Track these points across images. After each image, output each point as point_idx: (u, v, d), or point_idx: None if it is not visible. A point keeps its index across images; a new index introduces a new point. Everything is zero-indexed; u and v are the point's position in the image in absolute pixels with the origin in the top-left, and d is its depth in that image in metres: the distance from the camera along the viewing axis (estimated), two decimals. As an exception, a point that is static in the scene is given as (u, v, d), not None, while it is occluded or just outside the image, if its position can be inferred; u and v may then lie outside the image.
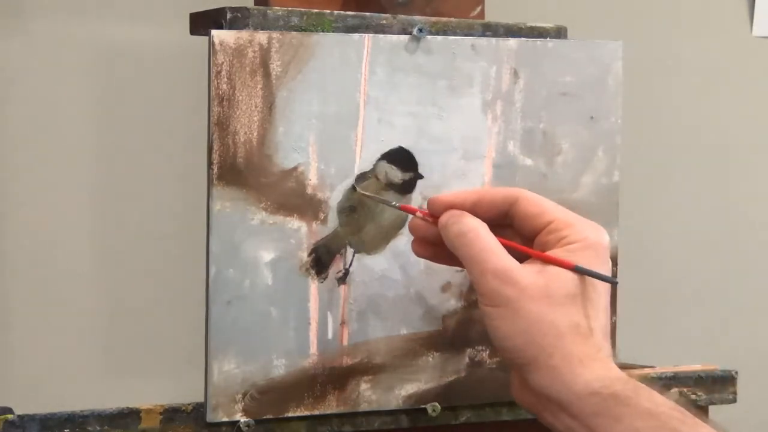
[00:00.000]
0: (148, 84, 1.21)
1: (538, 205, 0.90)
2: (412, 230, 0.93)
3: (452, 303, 0.99)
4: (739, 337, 1.52)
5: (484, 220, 0.89)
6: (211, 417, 0.92)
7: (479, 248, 0.86)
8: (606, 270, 0.88)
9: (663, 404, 0.81)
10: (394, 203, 0.95)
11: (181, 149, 1.19)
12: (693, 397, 1.07)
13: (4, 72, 1.17)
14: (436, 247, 0.91)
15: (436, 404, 0.98)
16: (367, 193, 0.95)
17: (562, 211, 0.90)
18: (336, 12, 0.96)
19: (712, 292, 1.52)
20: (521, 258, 0.88)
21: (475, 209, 0.89)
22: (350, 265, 0.96)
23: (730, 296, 1.53)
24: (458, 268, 0.99)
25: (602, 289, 0.87)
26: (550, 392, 0.84)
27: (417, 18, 0.98)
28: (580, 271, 0.86)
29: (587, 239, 0.87)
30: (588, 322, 0.85)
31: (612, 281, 0.88)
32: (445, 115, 0.98)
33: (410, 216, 0.96)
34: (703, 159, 1.50)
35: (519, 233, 0.90)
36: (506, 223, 0.90)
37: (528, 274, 0.85)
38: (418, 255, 0.94)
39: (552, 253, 0.86)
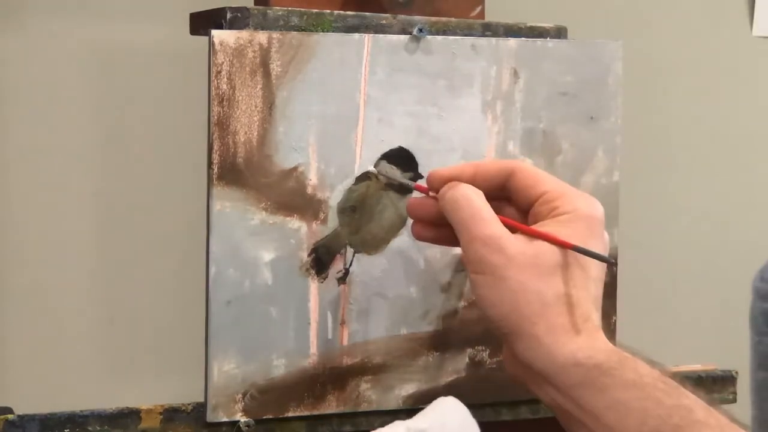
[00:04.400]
0: (148, 84, 1.21)
1: (532, 176, 0.88)
2: (410, 210, 0.90)
3: (452, 303, 0.99)
4: (739, 337, 1.52)
5: (482, 191, 0.86)
6: (211, 417, 0.92)
7: (470, 214, 0.84)
8: (599, 243, 0.85)
9: (647, 375, 0.80)
10: (409, 184, 0.93)
11: (181, 149, 1.19)
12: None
13: (4, 72, 1.17)
14: (438, 228, 0.89)
15: (436, 404, 0.98)
16: (386, 174, 0.95)
17: (555, 182, 0.87)
18: (336, 12, 0.96)
19: (713, 292, 1.52)
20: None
21: (473, 181, 0.87)
22: (350, 265, 0.96)
23: (730, 296, 1.53)
24: (459, 268, 0.99)
25: (595, 262, 0.85)
26: (534, 362, 0.82)
27: (417, 18, 0.98)
28: (578, 251, 0.84)
29: (578, 210, 0.85)
30: (576, 291, 0.83)
31: (608, 261, 0.86)
32: (445, 115, 0.98)
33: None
34: (703, 159, 1.50)
35: (516, 205, 0.88)
36: (504, 195, 0.89)
37: (517, 243, 0.83)
38: (419, 238, 0.91)
39: (542, 224, 0.84)
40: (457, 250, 0.98)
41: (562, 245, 0.83)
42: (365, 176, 0.96)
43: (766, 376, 0.48)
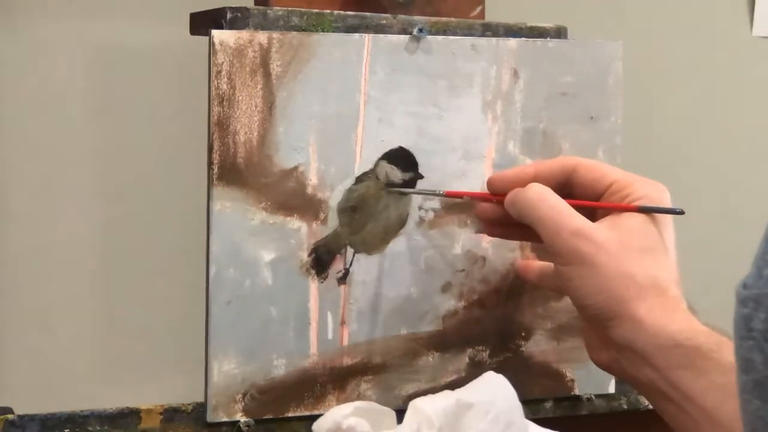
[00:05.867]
0: (148, 84, 1.21)
1: (597, 169, 0.91)
2: (479, 215, 0.94)
3: (452, 303, 0.99)
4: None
5: None
6: (211, 417, 0.92)
7: (551, 209, 0.87)
8: (671, 223, 0.88)
9: None
10: (438, 191, 0.96)
11: (181, 149, 1.19)
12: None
13: (4, 72, 1.17)
14: (506, 226, 0.92)
15: (436, 404, 0.98)
16: (407, 190, 0.96)
17: (621, 172, 0.91)
18: (336, 12, 0.96)
19: (713, 292, 1.52)
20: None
21: (536, 181, 0.90)
22: (350, 265, 0.96)
23: (731, 296, 1.53)
24: (459, 268, 0.99)
25: (671, 240, 0.88)
26: (635, 345, 0.84)
27: (417, 18, 0.98)
28: (645, 210, 0.86)
29: (649, 196, 0.88)
30: (665, 274, 0.86)
31: (677, 212, 0.88)
32: (445, 115, 0.98)
33: (412, 216, 0.96)
34: (703, 159, 1.50)
35: (580, 200, 0.90)
36: (565, 192, 0.90)
37: (602, 229, 0.86)
38: (491, 235, 0.96)
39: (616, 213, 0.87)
40: (457, 251, 0.98)
41: (629, 209, 0.86)
42: (365, 176, 0.96)
43: (747, 379, 0.49)
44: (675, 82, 1.47)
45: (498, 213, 0.92)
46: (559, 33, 1.03)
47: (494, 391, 0.91)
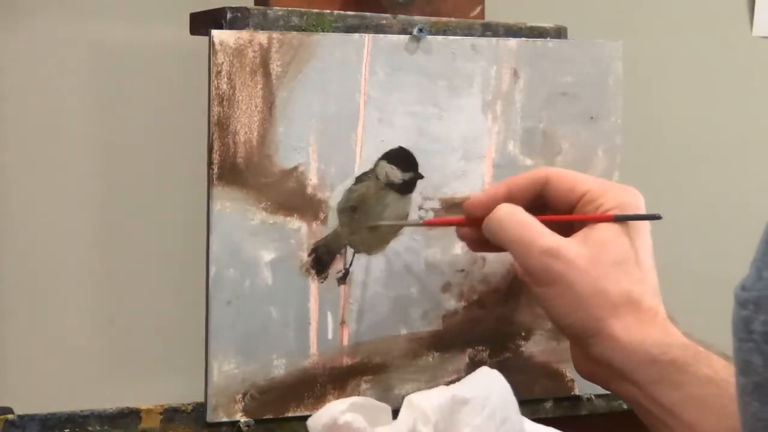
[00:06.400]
0: (148, 84, 1.21)
1: (569, 179, 0.90)
2: (461, 239, 0.94)
3: (452, 303, 0.99)
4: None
5: (520, 206, 0.89)
6: (211, 417, 0.92)
7: (520, 228, 0.86)
8: (646, 230, 0.87)
9: (722, 370, 0.81)
10: (418, 221, 0.96)
11: (181, 149, 1.19)
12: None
13: (4, 72, 1.17)
14: (489, 244, 0.91)
15: (436, 404, 0.98)
16: (388, 222, 0.96)
17: (594, 180, 0.90)
18: (336, 12, 0.96)
19: (713, 293, 1.52)
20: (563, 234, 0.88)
21: (510, 198, 0.89)
22: (350, 265, 0.96)
23: (731, 296, 1.53)
24: (459, 268, 0.99)
25: (646, 249, 0.87)
26: (614, 363, 0.84)
27: (417, 18, 0.98)
28: (621, 218, 0.86)
29: (624, 203, 0.87)
30: (640, 287, 0.85)
31: (654, 217, 0.88)
32: (445, 115, 0.98)
33: (412, 216, 0.96)
34: (703, 159, 1.50)
35: (555, 211, 0.90)
36: (540, 204, 0.90)
37: (573, 246, 0.85)
38: (478, 251, 0.95)
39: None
40: (457, 251, 0.98)
41: (605, 219, 0.85)
42: (365, 176, 0.96)
43: (746, 381, 0.49)
44: (675, 82, 1.47)
45: (479, 235, 0.92)
46: (559, 33, 1.03)
47: (489, 386, 0.91)
